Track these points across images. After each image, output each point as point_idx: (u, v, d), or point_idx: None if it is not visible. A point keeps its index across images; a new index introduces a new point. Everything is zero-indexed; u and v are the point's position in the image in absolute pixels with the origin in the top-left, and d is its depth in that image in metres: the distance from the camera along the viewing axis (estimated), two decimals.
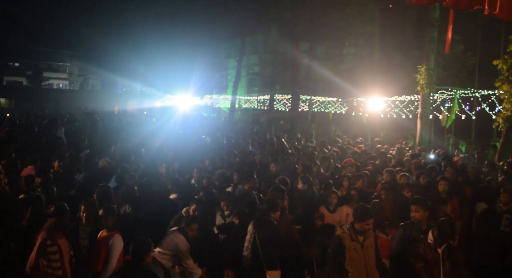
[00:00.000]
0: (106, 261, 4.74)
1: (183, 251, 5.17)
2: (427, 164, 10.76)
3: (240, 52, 29.19)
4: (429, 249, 4.67)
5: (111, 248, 4.75)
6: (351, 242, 4.80)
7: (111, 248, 4.75)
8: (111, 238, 4.79)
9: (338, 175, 9.02)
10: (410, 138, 19.65)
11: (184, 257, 5.18)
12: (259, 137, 16.43)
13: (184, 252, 5.17)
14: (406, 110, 22.30)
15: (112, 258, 4.74)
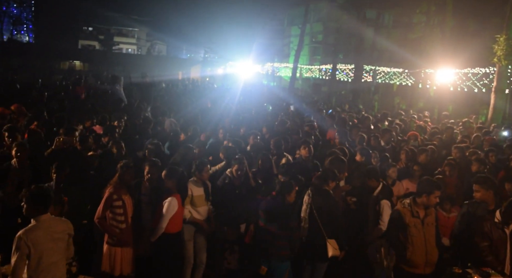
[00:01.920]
0: (158, 221, 4.97)
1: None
2: (500, 141, 10.10)
3: (304, 19, 28.38)
4: (496, 229, 4.43)
5: (164, 209, 4.95)
6: (412, 218, 4.64)
7: (164, 209, 4.96)
8: (167, 200, 4.99)
9: (400, 149, 8.70)
10: (482, 113, 18.46)
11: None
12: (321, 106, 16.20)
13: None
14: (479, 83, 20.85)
15: (162, 219, 4.94)
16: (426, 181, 4.69)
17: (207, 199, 5.58)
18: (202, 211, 5.55)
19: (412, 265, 4.53)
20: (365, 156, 7.28)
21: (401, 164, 7.63)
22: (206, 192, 5.57)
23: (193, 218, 5.43)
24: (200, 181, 5.55)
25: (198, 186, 5.52)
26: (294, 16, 38.52)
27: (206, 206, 5.58)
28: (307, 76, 35.48)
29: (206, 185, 5.63)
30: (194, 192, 5.46)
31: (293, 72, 29.33)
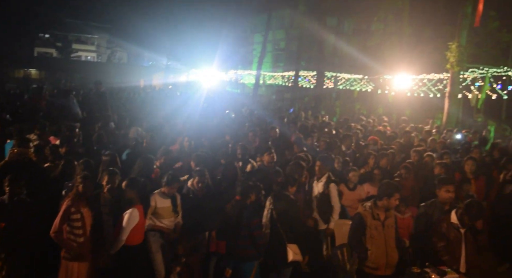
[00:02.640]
0: (118, 233, 4.86)
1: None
2: (454, 144, 10.54)
3: (266, 27, 28.66)
4: (452, 229, 4.60)
5: (124, 221, 4.86)
6: (373, 220, 4.76)
7: (124, 221, 4.86)
8: (127, 211, 4.89)
9: (360, 153, 8.92)
10: (437, 118, 19.18)
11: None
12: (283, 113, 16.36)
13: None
14: (434, 88, 21.69)
15: (123, 231, 4.84)
16: (386, 184, 4.82)
17: (175, 211, 5.49)
18: (168, 223, 5.47)
19: (374, 267, 4.64)
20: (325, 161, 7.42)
21: (368, 168, 7.79)
22: (173, 204, 5.48)
23: (156, 226, 5.34)
24: (168, 193, 5.46)
25: (165, 197, 5.44)
26: (257, 23, 38.85)
27: (173, 218, 5.49)
28: (270, 83, 35.78)
29: (174, 197, 5.55)
30: (158, 203, 5.38)
31: (256, 79, 29.52)
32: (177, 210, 5.52)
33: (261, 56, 28.54)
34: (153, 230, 5.36)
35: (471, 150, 9.09)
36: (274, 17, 32.95)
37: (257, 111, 15.47)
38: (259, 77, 29.93)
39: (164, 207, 5.39)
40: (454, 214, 4.78)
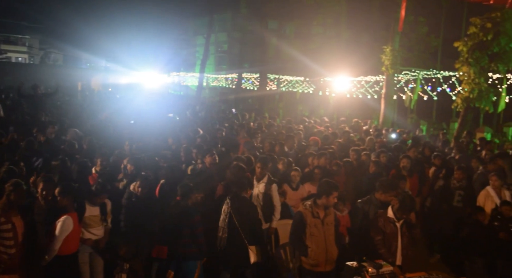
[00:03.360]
0: (50, 242, 4.65)
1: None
2: (389, 143, 11.07)
3: (208, 29, 28.61)
4: (388, 223, 4.83)
5: (57, 229, 4.64)
6: (312, 218, 4.88)
7: (57, 229, 4.64)
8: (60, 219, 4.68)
9: (302, 153, 9.13)
10: (375, 118, 20.07)
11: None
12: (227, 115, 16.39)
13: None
14: (371, 90, 22.67)
15: (55, 240, 4.62)
16: (324, 183, 4.97)
17: (103, 219, 5.32)
18: (96, 231, 5.28)
19: (314, 264, 4.76)
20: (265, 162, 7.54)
21: (310, 168, 7.97)
22: (102, 212, 5.31)
23: (82, 238, 5.14)
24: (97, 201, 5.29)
25: (93, 205, 5.25)
26: (199, 25, 38.65)
27: (101, 227, 5.31)
28: (214, 85, 35.72)
29: (104, 204, 5.38)
30: (87, 212, 5.18)
31: (200, 81, 29.36)
32: (106, 218, 5.34)
33: (204, 58, 28.42)
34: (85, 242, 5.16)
35: (406, 149, 9.60)
36: (216, 20, 32.96)
37: (202, 113, 15.39)
38: (202, 79, 29.77)
39: (92, 215, 5.19)
40: (390, 209, 5.01)
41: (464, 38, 13.64)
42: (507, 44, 12.82)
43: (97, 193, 5.25)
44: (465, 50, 13.37)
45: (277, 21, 28.72)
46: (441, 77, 20.24)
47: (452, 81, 19.01)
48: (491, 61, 13.28)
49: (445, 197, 7.12)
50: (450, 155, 9.55)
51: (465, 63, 13.43)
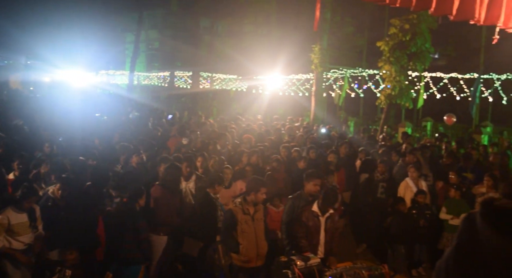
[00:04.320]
0: None
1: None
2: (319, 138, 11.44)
3: (138, 26, 27.72)
4: (312, 217, 4.96)
5: None
6: (243, 215, 4.93)
7: None
8: None
9: (234, 151, 9.16)
10: (306, 115, 20.66)
11: None
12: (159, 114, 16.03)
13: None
14: (302, 88, 23.28)
15: None
16: (252, 180, 5.03)
17: (33, 226, 4.98)
18: (25, 239, 4.94)
19: (245, 260, 4.81)
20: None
21: (241, 166, 8.00)
22: (31, 218, 4.97)
23: (5, 249, 4.79)
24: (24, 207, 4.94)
25: (20, 212, 4.90)
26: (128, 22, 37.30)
27: (30, 234, 4.98)
28: (145, 83, 34.76)
29: (32, 210, 5.03)
30: (13, 219, 4.82)
31: (130, 79, 28.42)
32: (36, 225, 5.01)
33: (134, 56, 27.54)
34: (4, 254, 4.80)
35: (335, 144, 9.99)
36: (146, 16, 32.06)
37: (134, 113, 14.90)
38: (133, 78, 28.84)
39: (19, 223, 4.85)
40: (315, 204, 5.15)
41: (386, 38, 14.41)
42: (423, 44, 13.74)
43: (24, 197, 4.89)
44: (387, 49, 14.14)
45: (209, 19, 28.60)
46: (366, 75, 21.31)
47: (376, 79, 20.08)
48: (410, 60, 14.16)
49: (370, 189, 7.50)
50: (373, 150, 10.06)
51: (387, 62, 14.21)
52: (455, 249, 0.94)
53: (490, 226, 0.84)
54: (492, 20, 3.08)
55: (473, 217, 0.90)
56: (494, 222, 0.84)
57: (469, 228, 0.90)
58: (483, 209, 0.88)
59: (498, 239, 0.83)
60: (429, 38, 13.88)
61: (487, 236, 0.85)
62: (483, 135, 15.97)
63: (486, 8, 2.98)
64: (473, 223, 0.89)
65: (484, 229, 0.86)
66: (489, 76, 18.23)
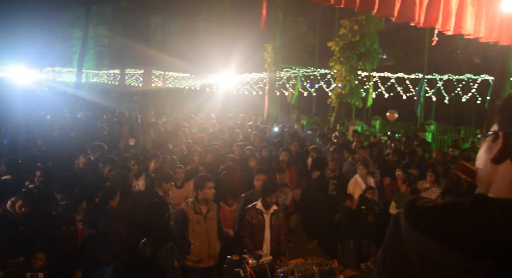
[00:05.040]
0: None
1: None
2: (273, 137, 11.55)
3: (86, 22, 26.75)
4: (256, 215, 4.98)
5: None
6: (195, 214, 4.87)
7: None
8: None
9: (187, 151, 9.06)
10: (260, 114, 20.78)
11: None
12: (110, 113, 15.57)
13: None
14: (256, 87, 23.39)
15: None
16: (198, 177, 5.02)
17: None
18: None
19: (197, 260, 4.76)
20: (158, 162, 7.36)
21: (194, 165, 7.91)
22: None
23: None
24: None
25: None
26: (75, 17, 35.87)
27: None
28: (94, 81, 33.60)
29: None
30: None
31: (78, 77, 27.40)
32: None
33: (82, 53, 26.60)
34: None
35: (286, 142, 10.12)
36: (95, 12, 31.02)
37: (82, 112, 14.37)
38: (81, 76, 27.81)
39: None
40: (260, 201, 5.16)
41: (336, 39, 14.78)
42: (371, 45, 14.22)
43: None
44: (337, 49, 14.51)
45: (161, 16, 28.07)
46: (318, 75, 21.74)
47: (328, 78, 20.53)
48: (359, 60, 14.61)
49: (321, 186, 7.65)
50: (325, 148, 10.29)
51: (337, 62, 14.58)
52: (383, 249, 0.95)
53: (410, 224, 0.86)
54: (431, 22, 3.23)
55: (399, 217, 0.91)
56: (413, 220, 0.86)
57: (395, 228, 0.91)
58: (405, 208, 0.90)
59: (416, 237, 0.84)
60: (377, 39, 14.38)
61: (408, 235, 0.86)
62: (427, 133, 16.74)
63: (425, 11, 3.12)
64: (399, 222, 0.90)
65: (405, 227, 0.87)
66: (432, 76, 19.15)
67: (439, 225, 0.83)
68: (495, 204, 0.85)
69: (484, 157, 0.97)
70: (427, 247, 0.83)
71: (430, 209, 0.87)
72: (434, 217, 0.85)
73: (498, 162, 0.91)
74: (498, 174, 0.92)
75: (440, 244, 0.81)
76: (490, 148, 0.95)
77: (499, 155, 0.90)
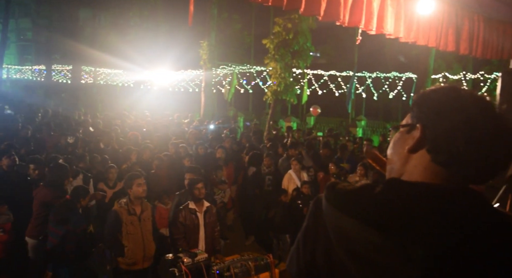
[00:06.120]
0: None
1: None
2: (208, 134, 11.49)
3: (5, 14, 24.83)
4: (189, 215, 4.93)
5: None
6: (128, 216, 4.72)
7: None
8: None
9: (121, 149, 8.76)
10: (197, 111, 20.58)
11: None
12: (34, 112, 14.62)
13: None
14: (192, 84, 23.14)
15: None
16: (128, 176, 4.88)
17: None
18: None
19: (131, 263, 4.62)
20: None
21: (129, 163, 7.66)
22: None
23: None
24: None
25: None
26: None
27: None
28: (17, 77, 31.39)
29: None
30: None
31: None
32: None
33: (2, 46, 24.66)
34: None
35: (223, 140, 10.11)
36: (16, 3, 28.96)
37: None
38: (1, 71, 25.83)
39: None
40: (192, 201, 5.10)
41: (271, 36, 14.96)
42: (304, 43, 14.55)
43: None
44: (272, 47, 14.69)
45: (90, 9, 26.82)
46: (254, 72, 21.94)
47: (263, 76, 20.79)
48: (293, 57, 14.90)
49: (257, 182, 7.73)
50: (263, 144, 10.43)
51: (272, 59, 14.77)
52: (304, 230, 1.03)
53: (331, 205, 0.94)
54: (355, 22, 3.38)
55: (320, 200, 0.99)
56: (333, 202, 0.94)
57: (316, 210, 0.99)
58: (326, 191, 0.98)
59: (336, 217, 0.92)
60: (310, 37, 14.74)
61: (328, 215, 0.94)
62: (358, 128, 17.53)
63: (349, 11, 3.25)
64: (319, 205, 0.98)
65: (326, 208, 0.95)
66: (362, 74, 20.05)
67: (356, 205, 0.92)
68: (406, 186, 0.95)
69: (397, 147, 1.04)
70: (345, 226, 0.90)
71: (349, 191, 0.96)
72: (352, 198, 0.94)
73: (414, 152, 0.99)
74: (410, 163, 1.00)
75: (357, 222, 0.89)
76: (405, 139, 1.03)
77: (416, 145, 0.98)
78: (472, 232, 0.87)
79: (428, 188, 0.93)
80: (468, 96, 0.97)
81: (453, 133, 0.93)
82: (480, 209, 0.92)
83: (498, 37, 4.92)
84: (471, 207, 0.91)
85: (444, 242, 0.85)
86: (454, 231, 0.86)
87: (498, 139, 0.93)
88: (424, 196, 0.91)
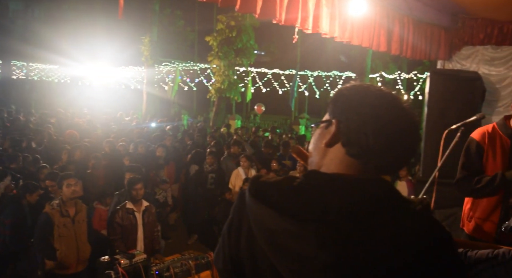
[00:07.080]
0: None
1: None
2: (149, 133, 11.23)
3: None
4: (127, 215, 4.79)
5: None
6: (61, 218, 4.49)
7: None
8: None
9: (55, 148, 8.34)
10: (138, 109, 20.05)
11: None
12: None
13: None
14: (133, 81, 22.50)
15: None
16: (60, 177, 4.67)
17: None
18: None
19: (64, 267, 4.41)
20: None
21: (62, 163, 7.31)
22: None
23: None
24: None
25: None
26: None
27: None
28: None
29: None
30: None
31: None
32: None
33: None
34: None
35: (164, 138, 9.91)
36: None
37: None
38: None
39: None
40: (130, 201, 4.95)
41: (214, 34, 14.88)
42: (248, 41, 14.62)
43: None
44: (215, 44, 14.63)
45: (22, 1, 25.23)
46: (198, 69, 21.73)
47: (207, 73, 20.65)
48: (237, 55, 14.92)
49: (200, 181, 7.66)
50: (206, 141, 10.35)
51: (216, 57, 14.71)
52: (228, 224, 1.07)
53: (253, 197, 0.96)
54: (291, 21, 3.43)
55: (243, 193, 1.01)
56: (255, 194, 0.97)
57: (239, 203, 1.03)
58: (249, 184, 1.01)
59: (257, 209, 0.95)
60: (253, 35, 14.83)
61: (250, 207, 0.97)
62: (301, 126, 17.89)
63: (285, 10, 3.30)
64: (243, 198, 1.01)
65: (249, 201, 0.97)
66: (304, 73, 20.47)
67: (276, 197, 0.95)
68: (321, 177, 1.00)
69: (317, 142, 1.09)
70: (266, 217, 0.93)
71: (271, 184, 0.99)
72: (271, 189, 0.97)
73: (330, 146, 1.04)
74: (328, 156, 1.05)
75: (275, 212, 0.92)
76: (323, 134, 1.08)
77: (332, 140, 1.03)
78: (381, 220, 0.92)
79: (341, 178, 0.98)
80: (377, 92, 1.03)
81: (363, 126, 0.98)
82: (389, 198, 0.97)
83: (426, 39, 5.21)
84: (381, 196, 0.96)
85: (355, 229, 0.90)
86: (363, 219, 0.91)
87: (405, 131, 0.99)
88: (336, 186, 0.96)
